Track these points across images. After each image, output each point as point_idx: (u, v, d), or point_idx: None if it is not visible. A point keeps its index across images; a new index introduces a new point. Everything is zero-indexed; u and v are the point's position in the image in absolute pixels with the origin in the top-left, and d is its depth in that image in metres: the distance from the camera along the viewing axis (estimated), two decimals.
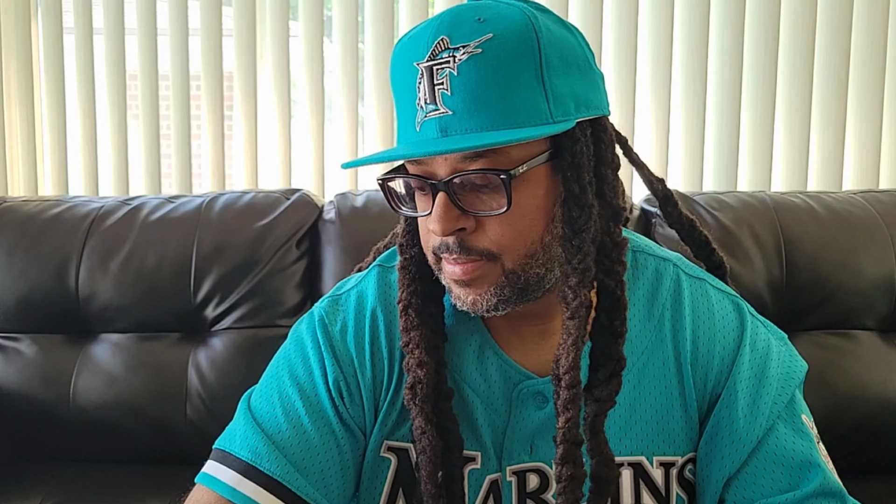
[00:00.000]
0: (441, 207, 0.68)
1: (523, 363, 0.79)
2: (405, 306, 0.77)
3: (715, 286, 0.83)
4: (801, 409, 0.78)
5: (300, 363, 0.80)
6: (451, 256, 0.71)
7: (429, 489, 0.74)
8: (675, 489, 0.78)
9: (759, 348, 0.79)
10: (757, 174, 1.87)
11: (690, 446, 0.79)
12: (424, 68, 0.67)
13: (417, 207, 0.74)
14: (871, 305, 1.39)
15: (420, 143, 0.68)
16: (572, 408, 0.69)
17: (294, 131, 1.90)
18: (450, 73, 0.66)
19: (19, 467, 1.39)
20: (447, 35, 0.67)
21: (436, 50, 0.67)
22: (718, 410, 0.77)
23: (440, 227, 0.68)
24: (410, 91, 0.69)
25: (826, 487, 0.73)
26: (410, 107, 0.69)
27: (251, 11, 1.85)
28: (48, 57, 1.88)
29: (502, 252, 0.70)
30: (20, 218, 1.46)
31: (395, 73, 0.72)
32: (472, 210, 0.69)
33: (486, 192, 0.69)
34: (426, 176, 0.70)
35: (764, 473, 0.75)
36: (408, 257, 0.79)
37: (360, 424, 0.79)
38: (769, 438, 0.76)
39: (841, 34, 1.84)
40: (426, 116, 0.67)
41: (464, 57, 0.66)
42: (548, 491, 0.78)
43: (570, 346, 0.70)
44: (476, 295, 0.71)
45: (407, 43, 0.70)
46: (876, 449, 1.35)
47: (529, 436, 0.79)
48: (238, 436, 0.77)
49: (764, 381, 0.77)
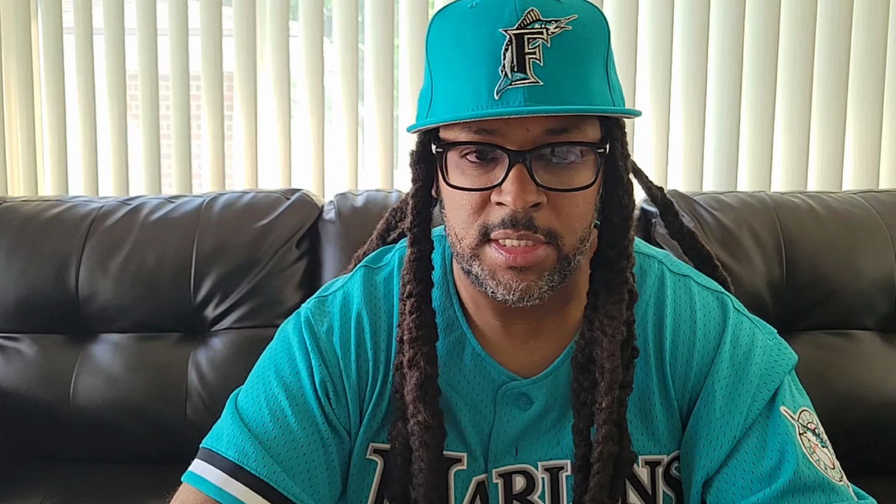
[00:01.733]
0: (521, 179, 0.66)
1: (506, 364, 0.79)
2: (418, 302, 0.75)
3: (700, 283, 0.82)
4: (781, 401, 0.76)
5: (286, 363, 0.80)
6: (515, 233, 0.68)
7: (429, 482, 0.73)
8: (662, 488, 0.78)
9: (742, 343, 0.78)
10: (757, 174, 1.87)
11: (675, 445, 0.78)
12: (514, 35, 0.65)
13: (467, 182, 0.70)
14: (871, 305, 1.39)
15: (506, 108, 0.65)
16: (616, 389, 0.72)
17: (294, 131, 1.90)
18: (542, 43, 0.65)
19: (19, 467, 1.39)
20: (535, 7, 0.66)
21: (527, 19, 0.66)
22: (697, 409, 0.77)
23: (520, 200, 0.66)
24: (489, 56, 0.66)
25: (798, 482, 0.71)
26: (486, 72, 0.66)
27: (251, 11, 1.85)
28: (48, 57, 1.88)
29: (564, 234, 0.69)
30: (20, 218, 1.46)
31: (463, 37, 0.68)
32: (548, 185, 0.68)
33: (562, 168, 0.68)
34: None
35: (742, 475, 0.74)
36: (422, 249, 0.77)
37: (345, 425, 0.79)
38: (748, 439, 0.74)
39: (841, 34, 1.84)
40: (511, 84, 0.65)
41: (556, 31, 0.66)
42: (534, 492, 0.78)
43: (610, 331, 0.72)
44: (530, 281, 0.69)
45: (479, 9, 0.68)
46: (876, 449, 1.35)
47: (515, 438, 0.78)
48: (225, 435, 0.77)
49: (744, 378, 0.76)
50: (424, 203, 0.77)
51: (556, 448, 0.78)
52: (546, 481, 0.78)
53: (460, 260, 0.73)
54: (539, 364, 0.79)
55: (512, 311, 0.76)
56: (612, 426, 0.72)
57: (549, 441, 0.78)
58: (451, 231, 0.73)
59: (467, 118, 0.66)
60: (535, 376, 0.78)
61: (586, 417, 0.75)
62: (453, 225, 0.72)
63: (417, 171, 0.76)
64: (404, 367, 0.75)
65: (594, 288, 0.76)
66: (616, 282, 0.74)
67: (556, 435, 0.78)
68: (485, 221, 0.69)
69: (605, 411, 0.72)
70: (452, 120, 0.67)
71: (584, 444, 0.75)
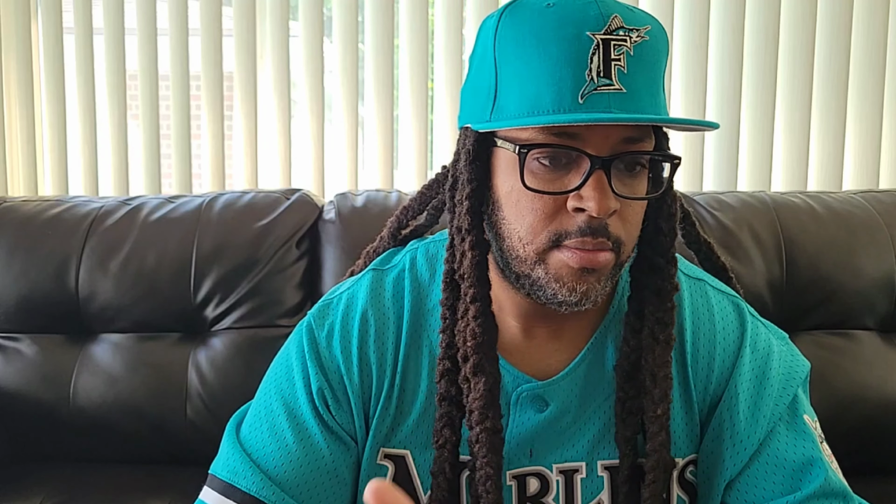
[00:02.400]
0: (602, 185, 0.66)
1: (521, 366, 0.79)
2: (483, 307, 0.74)
3: (715, 287, 0.83)
4: (803, 409, 0.78)
5: (285, 378, 0.80)
6: (592, 241, 0.67)
7: (498, 487, 0.72)
8: (676, 491, 0.78)
9: (760, 349, 0.79)
10: (757, 174, 1.87)
11: (692, 448, 0.79)
12: (601, 40, 0.65)
13: (540, 185, 0.68)
14: (871, 305, 1.39)
15: (595, 114, 0.65)
16: (670, 396, 0.73)
17: (294, 131, 1.90)
18: (626, 51, 0.65)
19: (19, 467, 1.38)
20: (617, 14, 0.66)
21: (612, 25, 0.65)
22: (719, 413, 0.77)
23: (603, 206, 0.66)
24: (575, 59, 0.65)
25: (828, 488, 0.73)
26: (571, 75, 0.65)
27: (251, 11, 1.85)
28: (48, 57, 1.88)
29: (626, 242, 0.70)
30: (20, 218, 1.46)
31: (544, 36, 0.66)
32: (622, 193, 0.68)
33: (629, 177, 0.69)
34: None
35: (766, 477, 0.75)
36: (482, 252, 0.74)
37: (349, 431, 0.78)
38: (771, 441, 0.75)
39: (841, 34, 1.84)
40: (596, 89, 0.65)
41: (637, 40, 0.66)
42: (548, 494, 0.78)
43: (662, 338, 0.73)
44: (590, 284, 0.69)
45: (559, 9, 0.67)
46: (876, 449, 1.35)
47: (529, 440, 0.78)
48: (237, 467, 0.77)
49: (765, 382, 0.77)
50: (479, 204, 0.74)
51: (572, 450, 0.78)
52: (560, 483, 0.78)
53: (518, 265, 0.71)
54: (555, 366, 0.79)
55: (536, 315, 0.76)
56: (666, 434, 0.73)
57: (565, 443, 0.78)
58: (511, 235, 0.71)
59: (564, 122, 0.65)
60: (552, 378, 0.78)
61: (633, 425, 0.75)
62: (517, 229, 0.70)
63: (473, 171, 0.73)
64: (465, 373, 0.73)
65: (640, 295, 0.76)
66: (667, 289, 0.74)
67: (571, 437, 0.78)
68: (558, 228, 0.68)
69: (660, 419, 0.72)
70: (546, 123, 0.65)
71: (632, 451, 0.75)
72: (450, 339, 0.75)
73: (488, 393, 0.72)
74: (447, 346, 0.75)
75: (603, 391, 0.79)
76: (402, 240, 0.91)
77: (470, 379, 0.73)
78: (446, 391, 0.75)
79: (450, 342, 0.75)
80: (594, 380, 0.79)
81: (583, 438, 0.78)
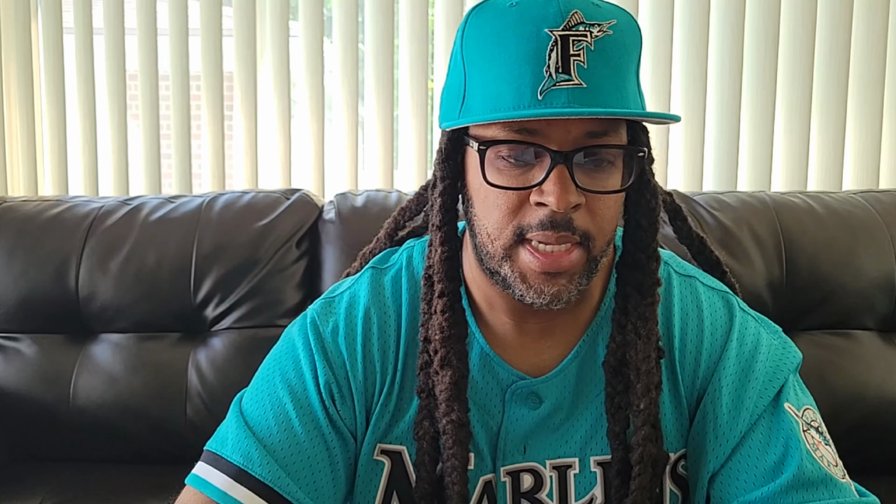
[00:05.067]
0: (563, 180, 0.66)
1: (514, 363, 0.79)
2: (451, 301, 0.75)
3: (705, 283, 0.83)
4: (787, 398, 0.77)
5: (291, 366, 0.80)
6: (554, 235, 0.68)
7: (463, 480, 0.73)
8: (669, 486, 0.78)
9: (748, 342, 0.79)
10: (757, 174, 1.87)
11: (682, 443, 0.79)
12: (559, 36, 0.66)
13: (504, 181, 0.69)
14: (871, 305, 1.39)
15: (549, 108, 0.65)
16: (652, 390, 0.73)
17: (294, 131, 1.90)
18: (586, 46, 0.66)
19: (19, 467, 1.39)
20: (579, 9, 0.67)
21: (571, 21, 0.66)
22: (703, 406, 0.77)
23: (563, 201, 0.66)
24: (533, 56, 0.66)
25: (802, 478, 0.72)
26: (530, 72, 0.66)
27: (251, 11, 1.85)
28: (48, 57, 1.88)
29: (596, 236, 0.70)
30: (20, 218, 1.46)
31: (504, 35, 0.68)
32: (587, 187, 0.68)
33: (597, 171, 0.69)
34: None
35: (746, 469, 0.75)
36: (452, 248, 0.76)
37: (350, 428, 0.79)
38: (753, 434, 0.75)
39: (841, 34, 1.84)
40: (555, 85, 0.65)
41: (599, 35, 0.66)
42: (542, 490, 0.78)
43: (644, 333, 0.74)
44: (560, 286, 0.70)
45: (521, 8, 0.68)
46: (876, 449, 1.35)
47: (523, 436, 0.79)
48: (230, 439, 0.77)
49: (750, 375, 0.77)
50: (452, 201, 0.76)
51: (565, 446, 0.79)
52: (554, 479, 0.78)
53: (489, 260, 0.72)
54: (548, 363, 0.79)
55: (527, 312, 0.76)
56: (650, 428, 0.73)
57: (558, 439, 0.79)
58: (481, 231, 0.72)
59: (519, 117, 0.65)
60: (545, 375, 0.79)
61: (621, 420, 0.76)
62: (485, 225, 0.72)
63: (445, 169, 0.75)
64: (435, 365, 0.75)
65: (624, 291, 0.77)
66: (648, 283, 0.75)
67: (564, 433, 0.79)
68: (521, 222, 0.69)
69: (643, 413, 0.73)
70: (503, 118, 0.66)
71: (622, 447, 0.76)
72: (426, 333, 0.77)
73: (453, 386, 0.73)
74: (424, 339, 0.77)
75: (595, 387, 0.79)
76: (398, 241, 0.92)
77: (438, 371, 0.75)
78: (424, 384, 0.76)
79: (426, 336, 0.77)
80: (587, 376, 0.79)
81: (576, 434, 0.78)
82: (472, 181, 0.73)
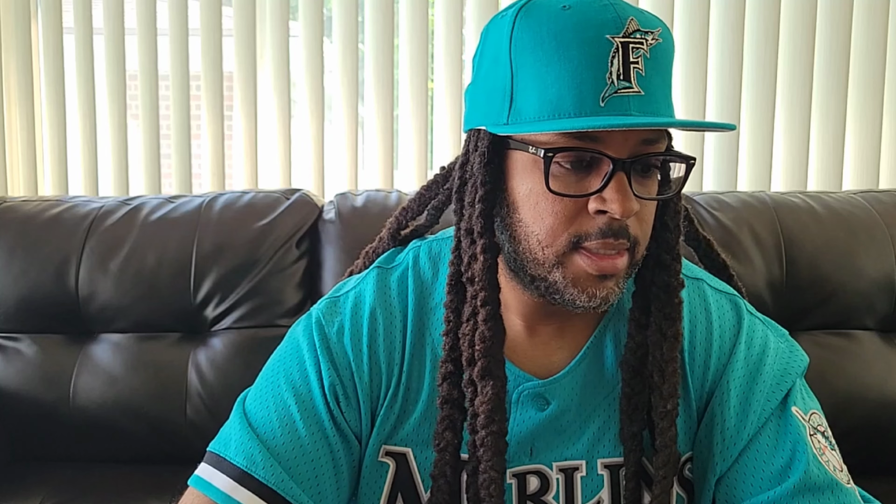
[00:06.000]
0: (624, 187, 0.67)
1: (522, 365, 0.79)
2: (494, 310, 0.73)
3: (713, 286, 0.83)
4: (794, 402, 0.77)
5: (296, 367, 0.79)
6: (615, 242, 0.68)
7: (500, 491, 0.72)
8: (676, 488, 0.78)
9: (756, 345, 0.79)
10: (757, 174, 1.87)
11: (689, 445, 0.79)
12: (620, 43, 0.66)
13: (561, 188, 0.68)
14: (871, 305, 1.39)
15: (619, 117, 0.65)
16: (679, 391, 0.74)
17: (294, 131, 1.90)
18: (643, 54, 0.66)
19: (19, 467, 1.38)
20: (633, 17, 0.67)
21: (629, 28, 0.66)
22: (711, 408, 0.77)
23: (626, 208, 0.66)
24: (596, 62, 0.66)
25: (808, 482, 0.72)
26: (591, 78, 0.66)
27: (251, 11, 1.85)
28: (48, 57, 1.88)
29: (642, 241, 0.71)
30: (20, 218, 1.46)
31: (567, 38, 0.66)
32: (640, 194, 0.68)
33: (648, 177, 0.70)
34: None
35: (753, 472, 0.75)
36: (494, 256, 0.73)
37: (355, 430, 0.78)
38: (760, 437, 0.75)
39: (841, 34, 1.84)
40: (616, 92, 0.66)
41: (653, 42, 0.67)
42: (548, 493, 0.78)
43: (670, 333, 0.74)
44: (609, 289, 0.70)
45: (576, 12, 0.67)
46: (876, 449, 1.35)
47: (530, 438, 0.78)
48: (233, 440, 0.76)
49: (758, 378, 0.77)
50: (491, 207, 0.73)
51: (572, 448, 0.78)
52: (560, 482, 0.78)
53: (535, 267, 0.71)
54: (556, 364, 0.79)
55: (542, 313, 0.76)
56: (675, 429, 0.74)
57: (565, 441, 0.78)
58: (528, 237, 0.71)
59: (595, 127, 0.64)
60: (553, 377, 0.78)
61: (639, 421, 0.75)
62: (536, 232, 0.70)
63: (487, 174, 0.72)
64: (473, 375, 0.73)
65: (647, 292, 0.76)
66: (674, 284, 0.75)
67: (571, 435, 0.78)
68: (578, 230, 0.68)
69: (670, 414, 0.73)
70: (580, 128, 0.65)
71: (638, 448, 0.76)
72: (453, 342, 0.75)
73: (496, 397, 0.72)
74: (450, 348, 0.75)
75: (603, 388, 0.79)
76: (401, 240, 0.91)
77: (476, 382, 0.72)
78: (448, 394, 0.75)
79: (453, 345, 0.75)
80: (594, 377, 0.79)
81: (583, 436, 0.78)
82: (517, 186, 0.71)
